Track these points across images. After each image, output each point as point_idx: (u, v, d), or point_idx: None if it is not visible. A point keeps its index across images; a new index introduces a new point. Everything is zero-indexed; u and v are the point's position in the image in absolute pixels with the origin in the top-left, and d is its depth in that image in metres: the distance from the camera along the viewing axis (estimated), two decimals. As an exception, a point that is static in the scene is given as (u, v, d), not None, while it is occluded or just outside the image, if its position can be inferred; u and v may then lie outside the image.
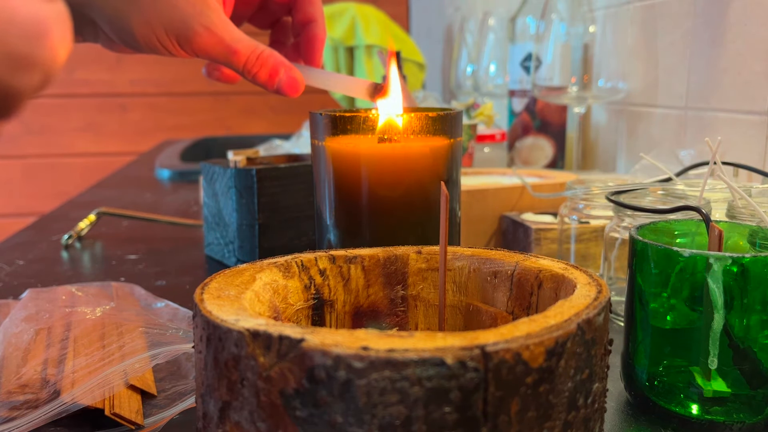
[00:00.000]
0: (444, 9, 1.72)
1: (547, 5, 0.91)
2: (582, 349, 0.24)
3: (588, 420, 0.25)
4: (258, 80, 0.44)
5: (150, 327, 0.44)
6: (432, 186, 0.42)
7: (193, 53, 0.42)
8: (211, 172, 0.67)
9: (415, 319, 0.35)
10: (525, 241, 0.60)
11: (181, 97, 2.08)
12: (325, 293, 0.33)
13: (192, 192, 1.05)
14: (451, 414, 0.21)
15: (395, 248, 0.35)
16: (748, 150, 0.70)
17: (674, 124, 0.83)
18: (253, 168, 0.62)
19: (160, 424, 0.36)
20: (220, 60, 0.43)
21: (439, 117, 0.42)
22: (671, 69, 0.83)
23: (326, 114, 0.43)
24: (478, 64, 1.21)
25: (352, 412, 0.21)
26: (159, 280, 0.62)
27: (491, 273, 0.33)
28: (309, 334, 0.22)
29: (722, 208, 0.45)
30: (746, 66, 0.70)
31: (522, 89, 1.04)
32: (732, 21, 0.72)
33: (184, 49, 0.42)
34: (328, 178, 0.43)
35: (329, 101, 1.58)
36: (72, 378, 0.38)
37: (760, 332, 0.34)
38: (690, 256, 0.34)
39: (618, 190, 0.48)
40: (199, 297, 0.27)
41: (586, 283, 0.28)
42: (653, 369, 0.37)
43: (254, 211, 0.62)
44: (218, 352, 0.24)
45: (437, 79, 1.76)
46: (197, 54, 0.42)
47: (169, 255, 0.71)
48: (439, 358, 0.21)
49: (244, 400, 0.23)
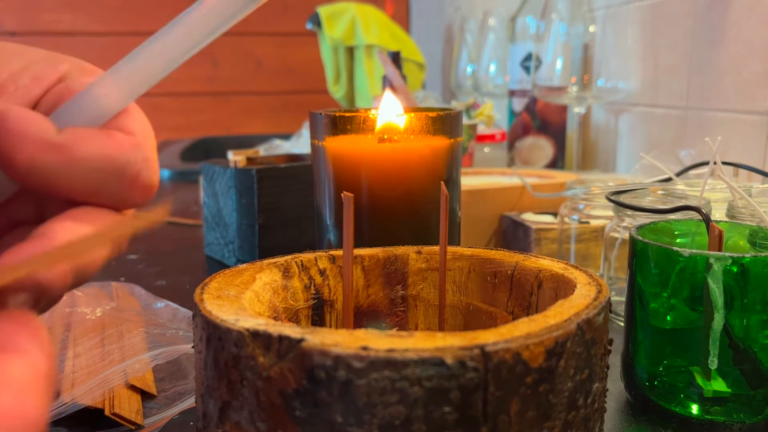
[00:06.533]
0: (444, 9, 1.72)
1: (547, 5, 0.91)
2: (582, 349, 0.24)
3: (588, 420, 0.25)
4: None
5: (150, 327, 0.44)
6: (432, 186, 0.42)
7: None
8: (211, 172, 0.67)
9: (415, 319, 0.35)
10: (525, 241, 0.60)
11: (181, 97, 2.08)
12: (325, 293, 0.33)
13: (192, 192, 1.05)
14: (450, 414, 0.21)
15: (395, 248, 0.35)
16: (748, 150, 0.70)
17: (674, 124, 0.83)
18: (253, 168, 0.62)
19: (160, 424, 0.36)
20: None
21: (439, 117, 0.42)
22: (671, 69, 0.83)
23: (326, 114, 0.43)
24: (478, 64, 1.21)
25: (352, 412, 0.21)
26: (159, 280, 0.62)
27: (491, 273, 0.33)
28: (309, 334, 0.22)
29: (722, 208, 0.45)
30: (746, 66, 0.70)
31: (522, 89, 1.04)
32: (732, 21, 0.72)
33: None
34: (328, 178, 0.43)
35: (329, 101, 1.58)
36: (72, 378, 0.38)
37: (760, 332, 0.34)
38: (690, 256, 0.34)
39: (618, 190, 0.48)
40: (199, 297, 0.27)
41: (586, 283, 0.28)
42: (653, 369, 0.37)
43: (254, 211, 0.62)
44: (218, 352, 0.24)
45: (437, 79, 1.76)
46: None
47: (169, 255, 0.71)
48: (438, 358, 0.21)
49: (244, 400, 0.23)
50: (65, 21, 1.89)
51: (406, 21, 2.08)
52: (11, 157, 0.22)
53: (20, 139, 0.22)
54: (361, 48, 1.41)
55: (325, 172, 0.43)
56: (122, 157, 0.24)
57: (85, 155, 0.23)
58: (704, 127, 0.78)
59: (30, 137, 0.22)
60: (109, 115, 0.25)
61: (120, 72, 0.25)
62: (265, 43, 2.02)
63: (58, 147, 0.23)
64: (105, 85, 0.24)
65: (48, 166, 0.23)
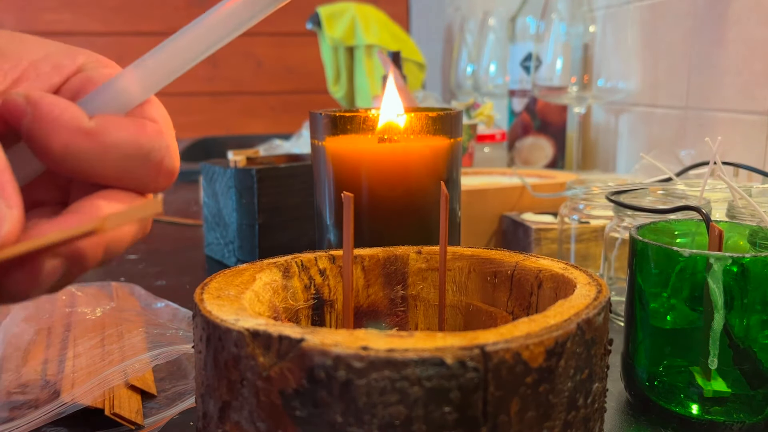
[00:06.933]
0: (444, 9, 1.72)
1: (547, 5, 0.91)
2: (582, 349, 0.24)
3: (588, 420, 0.25)
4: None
5: (150, 327, 0.44)
6: (432, 186, 0.42)
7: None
8: (211, 172, 0.67)
9: (415, 319, 0.35)
10: (525, 241, 0.60)
11: (180, 97, 2.08)
12: (325, 293, 0.33)
13: (192, 192, 1.05)
14: (450, 414, 0.21)
15: (395, 248, 0.35)
16: (748, 150, 0.70)
17: (674, 124, 0.83)
18: (253, 168, 0.62)
19: (160, 424, 0.36)
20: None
21: (439, 117, 0.42)
22: (671, 69, 0.83)
23: (326, 114, 0.43)
24: (478, 64, 1.21)
25: (352, 412, 0.21)
26: (159, 280, 0.62)
27: (491, 273, 0.33)
28: (309, 334, 0.22)
29: (722, 208, 0.45)
30: (746, 66, 0.70)
31: (522, 89, 1.04)
32: (732, 21, 0.72)
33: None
34: (328, 178, 0.43)
35: (329, 101, 1.58)
36: (72, 378, 0.38)
37: (760, 332, 0.34)
38: (690, 256, 0.34)
39: (618, 190, 0.48)
40: (199, 297, 0.27)
41: (586, 283, 0.28)
42: (653, 369, 0.37)
43: (254, 211, 0.62)
44: (218, 352, 0.24)
45: (437, 79, 1.76)
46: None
47: (169, 255, 0.71)
48: (438, 358, 0.21)
49: (244, 400, 0.23)
50: (65, 21, 1.89)
51: (406, 21, 2.08)
52: (46, 143, 0.23)
53: (55, 126, 0.23)
54: (361, 48, 1.41)
55: (325, 172, 0.43)
56: (148, 143, 0.25)
57: (116, 141, 0.24)
58: (704, 127, 0.78)
59: (64, 124, 0.23)
60: (132, 105, 0.26)
61: (145, 65, 0.26)
62: (265, 43, 2.02)
63: (91, 133, 0.24)
64: (130, 77, 0.26)
65: (82, 151, 0.24)
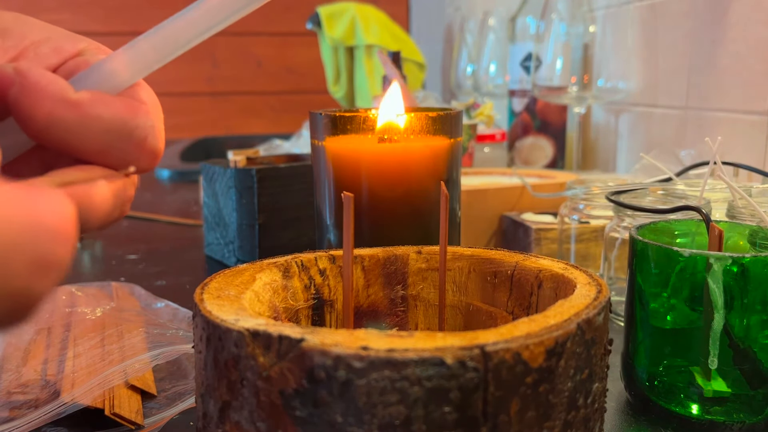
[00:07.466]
0: (444, 9, 1.72)
1: (547, 5, 0.91)
2: (582, 348, 0.24)
3: (588, 420, 0.25)
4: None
5: (150, 327, 0.44)
6: (432, 186, 0.42)
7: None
8: (211, 172, 0.67)
9: (415, 319, 0.35)
10: (525, 241, 0.60)
11: (180, 97, 2.08)
12: (325, 293, 0.33)
13: (192, 192, 1.05)
14: (450, 414, 0.21)
15: (395, 248, 0.35)
16: (748, 150, 0.70)
17: (674, 124, 0.83)
18: (253, 168, 0.62)
19: (160, 424, 0.36)
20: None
21: (439, 117, 0.42)
22: (671, 69, 0.83)
23: (326, 114, 0.43)
24: (478, 64, 1.21)
25: (352, 412, 0.21)
26: (159, 280, 0.62)
27: (491, 273, 0.33)
28: (309, 334, 0.22)
29: (722, 208, 0.45)
30: (746, 66, 0.70)
31: (522, 89, 1.04)
32: (732, 21, 0.72)
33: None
34: (328, 178, 0.43)
35: (329, 101, 1.58)
36: (72, 378, 0.38)
37: (760, 332, 0.34)
38: (690, 256, 0.34)
39: (618, 190, 0.48)
40: (199, 297, 0.27)
41: (586, 283, 0.28)
42: (653, 369, 0.37)
43: (254, 211, 0.62)
44: (218, 352, 0.24)
45: (437, 79, 1.76)
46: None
47: (169, 255, 0.71)
48: (438, 358, 0.21)
49: (244, 400, 0.23)
50: (65, 21, 1.89)
51: (406, 21, 2.08)
52: (30, 112, 0.24)
53: (40, 96, 0.24)
54: (361, 48, 1.41)
55: (325, 172, 0.43)
56: (132, 120, 0.26)
57: (99, 114, 0.25)
58: (704, 127, 0.78)
59: (49, 94, 0.24)
60: (122, 87, 0.26)
61: (137, 47, 0.26)
62: (265, 43, 2.02)
63: (75, 104, 0.24)
64: (121, 58, 0.26)
65: (64, 122, 0.24)
